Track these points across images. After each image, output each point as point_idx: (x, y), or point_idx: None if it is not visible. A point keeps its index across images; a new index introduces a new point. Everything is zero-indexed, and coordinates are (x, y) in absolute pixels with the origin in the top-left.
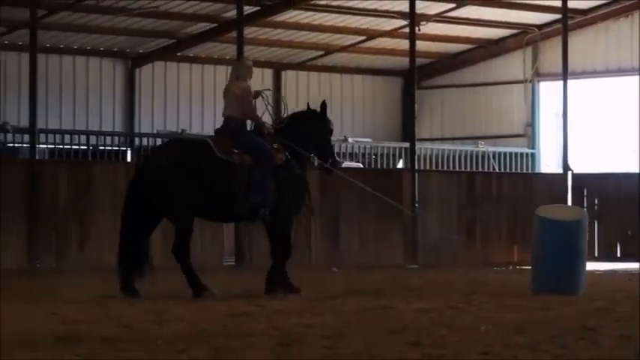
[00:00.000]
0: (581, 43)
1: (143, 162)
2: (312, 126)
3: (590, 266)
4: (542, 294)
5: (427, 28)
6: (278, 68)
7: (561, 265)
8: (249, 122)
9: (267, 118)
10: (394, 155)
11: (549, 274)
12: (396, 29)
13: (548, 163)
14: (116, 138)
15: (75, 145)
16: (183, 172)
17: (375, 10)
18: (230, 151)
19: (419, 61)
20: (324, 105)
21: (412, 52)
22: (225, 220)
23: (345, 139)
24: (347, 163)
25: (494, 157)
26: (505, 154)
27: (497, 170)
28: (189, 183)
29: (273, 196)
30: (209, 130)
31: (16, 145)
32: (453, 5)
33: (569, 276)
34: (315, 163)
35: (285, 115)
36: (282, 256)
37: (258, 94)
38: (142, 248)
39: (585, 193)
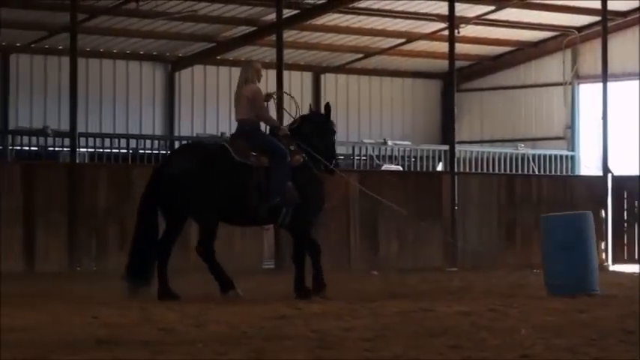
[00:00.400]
0: (621, 45)
1: (161, 165)
2: (320, 128)
3: (631, 268)
4: (557, 295)
5: (466, 30)
6: (317, 71)
7: (568, 263)
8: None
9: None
10: (434, 158)
11: (557, 274)
12: (435, 32)
13: (588, 165)
14: (156, 141)
15: (115, 148)
16: (203, 174)
17: (415, 13)
18: (247, 153)
19: (458, 63)
20: (328, 107)
21: (451, 55)
22: (245, 223)
23: (385, 142)
24: (386, 166)
25: (533, 160)
26: (545, 156)
27: (536, 173)
28: (209, 184)
29: (295, 197)
30: None
31: (56, 149)
32: (492, 8)
33: (579, 274)
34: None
35: (297, 117)
36: (303, 257)
37: (269, 96)
38: (151, 250)
39: (625, 196)
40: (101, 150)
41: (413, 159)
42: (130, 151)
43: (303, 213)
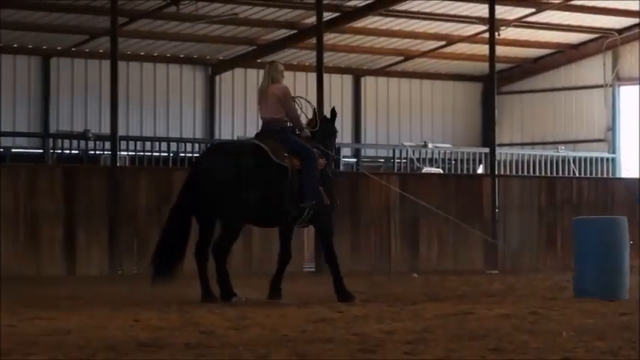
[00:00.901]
0: None
1: (199, 162)
2: (330, 130)
3: None
4: (583, 298)
5: (507, 33)
6: (357, 74)
7: (598, 267)
8: None
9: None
10: (474, 160)
11: (587, 277)
12: (475, 34)
13: (629, 167)
14: (196, 144)
15: (155, 151)
16: (241, 174)
17: (455, 16)
18: (282, 155)
19: (498, 66)
20: (334, 111)
21: (492, 57)
22: (272, 224)
23: (425, 145)
24: (427, 169)
25: (574, 162)
26: (585, 158)
27: (577, 175)
28: (246, 185)
29: (325, 199)
30: None
31: (97, 152)
32: (532, 10)
33: (606, 278)
34: None
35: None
36: (336, 257)
37: (292, 100)
38: (180, 248)
39: None
40: (142, 153)
41: (453, 161)
42: (171, 155)
43: (325, 214)
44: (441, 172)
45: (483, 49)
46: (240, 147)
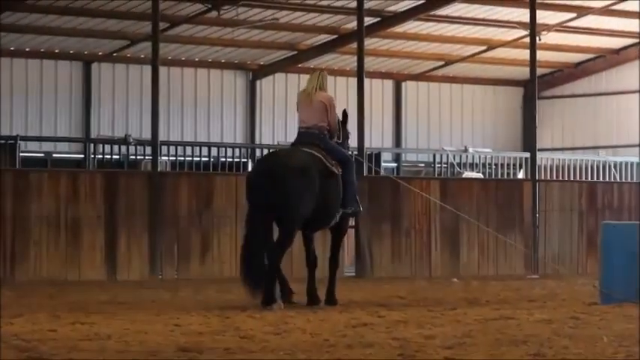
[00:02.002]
0: None
1: (267, 164)
2: (344, 134)
3: None
4: (610, 304)
5: (548, 37)
6: (398, 79)
7: (624, 272)
8: None
9: None
10: (514, 165)
11: (615, 282)
12: (516, 39)
13: None
14: (237, 150)
15: (196, 156)
16: (307, 180)
17: (496, 21)
18: (331, 162)
19: (539, 70)
20: (345, 114)
21: (533, 62)
22: (319, 228)
23: (466, 150)
24: (467, 173)
25: (615, 167)
26: (626, 163)
27: (618, 180)
28: (310, 191)
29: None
30: None
31: (138, 157)
32: (573, 15)
33: (633, 283)
34: None
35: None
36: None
37: None
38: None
39: None
40: (182, 158)
41: (494, 166)
42: (212, 159)
43: (346, 218)
44: (482, 176)
45: (524, 54)
46: (300, 153)
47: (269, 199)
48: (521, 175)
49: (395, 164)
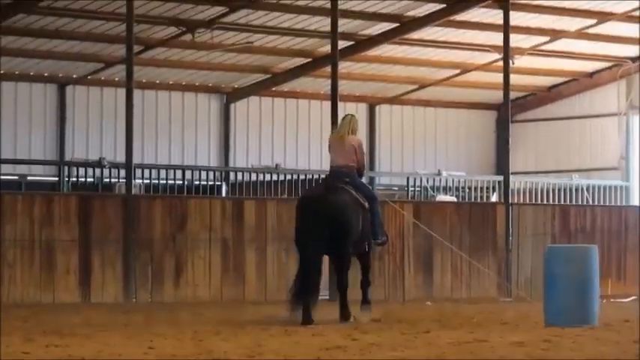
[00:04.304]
0: None
1: (322, 198)
2: None
3: None
4: (554, 326)
5: (521, 61)
6: (372, 102)
7: (571, 295)
8: None
9: None
10: (488, 188)
11: (559, 305)
12: (490, 63)
13: None
14: (211, 173)
15: (170, 179)
16: (354, 209)
17: (469, 44)
18: (361, 196)
19: (513, 94)
20: None
21: (506, 86)
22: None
23: (439, 173)
24: (441, 197)
25: (587, 190)
26: (599, 186)
27: (590, 203)
28: (357, 220)
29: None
30: (303, 165)
31: (112, 180)
32: (547, 39)
33: (579, 306)
34: None
35: None
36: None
37: None
38: (319, 275)
39: None
40: (157, 181)
41: (467, 189)
42: (186, 182)
43: (371, 247)
44: (455, 200)
45: (498, 78)
46: (342, 189)
47: (324, 230)
48: (494, 198)
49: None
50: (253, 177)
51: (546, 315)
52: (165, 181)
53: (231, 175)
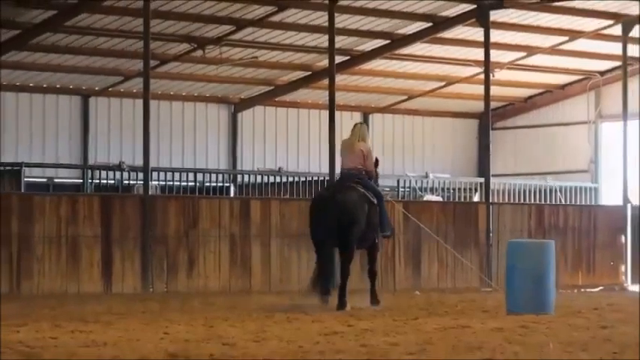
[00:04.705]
0: None
1: (329, 198)
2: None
3: None
4: (515, 314)
5: (500, 74)
6: (366, 111)
7: (529, 285)
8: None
9: None
10: (470, 189)
11: (519, 294)
12: (472, 76)
13: (610, 196)
14: (220, 175)
15: (184, 181)
16: (361, 207)
17: (454, 59)
18: (371, 195)
19: (493, 104)
20: (377, 160)
21: (487, 97)
22: (362, 247)
23: (427, 175)
24: (428, 197)
25: (560, 191)
26: (570, 188)
27: (563, 202)
28: (363, 216)
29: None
30: (304, 168)
31: (131, 182)
32: (524, 54)
33: (536, 296)
34: None
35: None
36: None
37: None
38: (332, 265)
39: None
40: (171, 183)
41: (452, 190)
42: (197, 184)
43: (380, 239)
44: (441, 199)
45: (479, 89)
46: (351, 188)
47: (332, 226)
48: (476, 198)
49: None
50: (259, 179)
51: (507, 303)
52: (179, 183)
53: (239, 178)
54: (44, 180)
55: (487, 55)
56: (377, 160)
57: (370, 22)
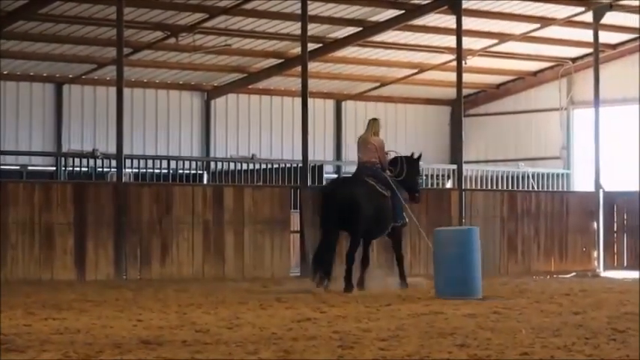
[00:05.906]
0: (611, 73)
1: (337, 190)
2: (416, 170)
3: (620, 274)
4: (444, 298)
5: (473, 61)
6: (338, 99)
7: (456, 272)
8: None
9: None
10: (443, 176)
11: (447, 280)
12: (444, 63)
13: (582, 182)
14: (194, 162)
15: (157, 169)
16: (368, 198)
17: (426, 46)
18: (383, 187)
19: (465, 91)
20: (419, 155)
21: (459, 84)
22: (375, 236)
23: None
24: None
25: (533, 177)
26: (543, 174)
27: (535, 189)
28: (370, 207)
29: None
30: (277, 155)
31: (104, 169)
32: (495, 41)
33: (463, 281)
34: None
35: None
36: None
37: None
38: (334, 254)
39: (615, 210)
40: (144, 170)
41: (425, 177)
42: (171, 172)
43: (398, 229)
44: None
45: (451, 76)
46: (361, 181)
47: (342, 216)
48: (449, 184)
49: (336, 175)
50: (232, 166)
51: (435, 288)
52: (152, 171)
53: (212, 165)
54: (17, 167)
55: (459, 42)
56: (419, 157)
57: (342, 10)
